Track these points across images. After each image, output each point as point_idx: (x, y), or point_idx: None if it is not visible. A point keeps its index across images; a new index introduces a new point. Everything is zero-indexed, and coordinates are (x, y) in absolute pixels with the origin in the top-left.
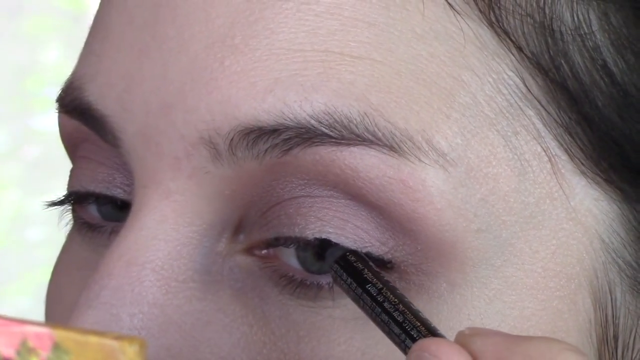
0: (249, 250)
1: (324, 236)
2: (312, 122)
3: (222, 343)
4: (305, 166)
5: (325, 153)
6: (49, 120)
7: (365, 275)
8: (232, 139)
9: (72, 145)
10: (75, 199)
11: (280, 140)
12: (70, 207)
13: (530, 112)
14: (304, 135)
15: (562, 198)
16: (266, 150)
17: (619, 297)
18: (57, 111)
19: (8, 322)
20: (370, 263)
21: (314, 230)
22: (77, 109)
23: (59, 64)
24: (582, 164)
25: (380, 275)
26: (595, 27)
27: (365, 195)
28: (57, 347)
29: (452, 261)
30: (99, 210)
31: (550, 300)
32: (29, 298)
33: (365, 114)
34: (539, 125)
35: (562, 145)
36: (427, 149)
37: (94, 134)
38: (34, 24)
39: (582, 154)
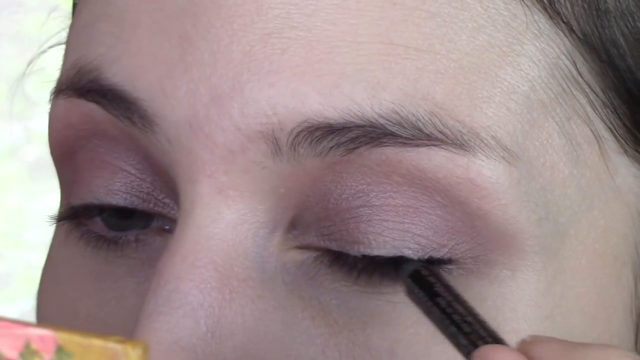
0: (302, 248)
1: (389, 254)
2: (381, 120)
3: (288, 339)
4: (369, 166)
5: (392, 153)
6: None
7: (437, 289)
8: (296, 135)
9: (71, 144)
10: (84, 212)
11: (348, 138)
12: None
13: (580, 95)
14: (372, 134)
15: (608, 179)
16: (331, 148)
17: None
18: (63, 97)
19: (11, 325)
20: (442, 276)
21: (378, 249)
22: (96, 91)
23: (59, 64)
24: (626, 142)
25: (451, 289)
26: (635, 7)
27: (431, 194)
28: (60, 349)
29: (513, 250)
30: (102, 219)
31: (600, 279)
32: (29, 299)
33: (433, 113)
34: (587, 108)
35: (607, 126)
36: (493, 144)
37: (115, 118)
38: (34, 24)
39: (625, 132)
